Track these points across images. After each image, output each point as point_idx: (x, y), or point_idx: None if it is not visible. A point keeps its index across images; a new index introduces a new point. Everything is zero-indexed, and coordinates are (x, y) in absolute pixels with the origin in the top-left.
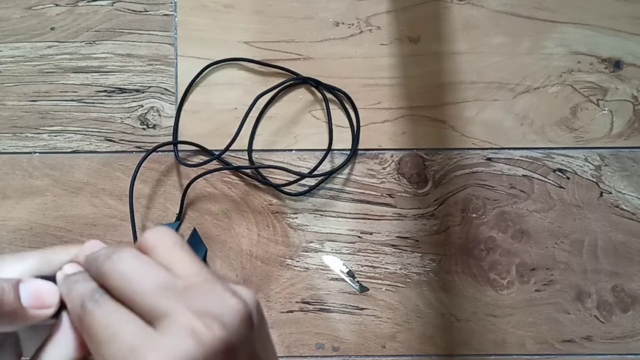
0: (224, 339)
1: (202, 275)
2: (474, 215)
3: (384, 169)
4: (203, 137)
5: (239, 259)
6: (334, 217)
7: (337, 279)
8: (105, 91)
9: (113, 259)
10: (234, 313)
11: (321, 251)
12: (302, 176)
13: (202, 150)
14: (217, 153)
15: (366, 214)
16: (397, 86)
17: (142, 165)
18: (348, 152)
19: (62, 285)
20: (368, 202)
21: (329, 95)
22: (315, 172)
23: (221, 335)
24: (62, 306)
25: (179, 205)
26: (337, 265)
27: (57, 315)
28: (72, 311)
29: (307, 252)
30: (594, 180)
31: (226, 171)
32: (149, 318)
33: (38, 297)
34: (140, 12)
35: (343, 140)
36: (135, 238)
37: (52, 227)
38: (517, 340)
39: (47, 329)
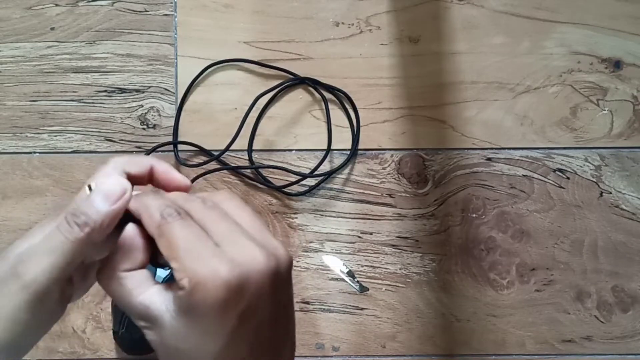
0: (270, 267)
1: (259, 227)
2: (474, 215)
3: (384, 169)
4: (203, 137)
5: None
6: (334, 217)
7: (337, 279)
8: (105, 91)
9: (205, 203)
10: (285, 254)
11: (321, 251)
12: (303, 176)
13: (202, 150)
14: (217, 153)
15: (366, 214)
16: (397, 86)
17: None
18: (348, 152)
19: (134, 200)
20: (368, 202)
21: (329, 96)
22: (315, 172)
23: (272, 265)
24: (124, 222)
25: None
26: (337, 265)
27: (117, 232)
28: (149, 220)
29: (307, 252)
30: (594, 180)
31: (226, 171)
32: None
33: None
34: (140, 12)
35: (343, 140)
36: None
37: None
38: (517, 340)
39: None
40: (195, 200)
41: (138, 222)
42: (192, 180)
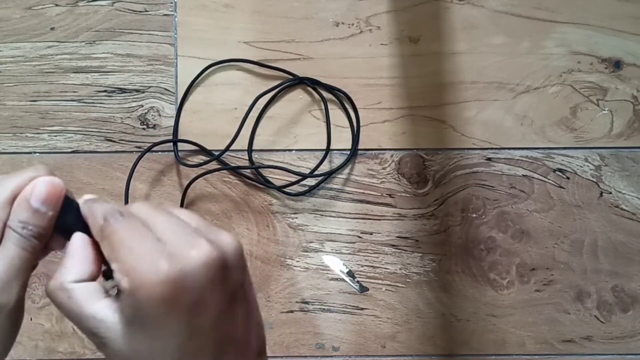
0: (214, 256)
1: (204, 222)
2: (474, 215)
3: (384, 169)
4: (203, 137)
5: None
6: (334, 217)
7: (337, 279)
8: (105, 91)
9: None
10: (230, 243)
11: (321, 251)
12: (303, 177)
13: (202, 150)
14: (217, 153)
15: (366, 214)
16: (397, 86)
17: (142, 165)
18: (348, 152)
19: (83, 206)
20: (368, 202)
21: (329, 96)
22: (315, 172)
23: (215, 254)
24: (72, 230)
25: (179, 205)
26: (337, 265)
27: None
28: (94, 224)
29: (307, 252)
30: (594, 180)
31: (226, 171)
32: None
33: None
34: (140, 12)
35: (343, 140)
36: None
37: None
38: (517, 340)
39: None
40: (141, 203)
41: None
42: (192, 180)
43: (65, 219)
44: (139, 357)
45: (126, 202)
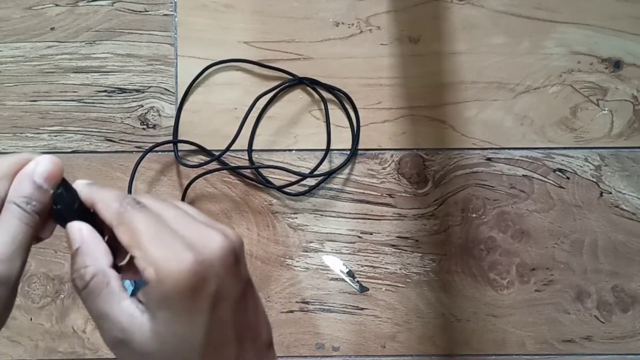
0: (229, 246)
1: (205, 216)
2: (474, 215)
3: (384, 169)
4: (203, 137)
5: None
6: (334, 217)
7: (337, 279)
8: (105, 91)
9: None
10: (235, 235)
11: (321, 251)
12: (303, 176)
13: (202, 150)
14: (217, 153)
15: (366, 214)
16: (397, 86)
17: (143, 165)
18: (348, 152)
19: (87, 190)
20: (368, 202)
21: (329, 96)
22: (315, 172)
23: (230, 244)
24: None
25: None
26: (337, 265)
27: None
28: (107, 208)
29: (307, 252)
30: (594, 180)
31: (226, 171)
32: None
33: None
34: (140, 12)
35: (343, 140)
36: None
37: None
38: (517, 340)
39: None
40: (148, 195)
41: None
42: (192, 180)
43: (62, 202)
44: (165, 351)
45: None
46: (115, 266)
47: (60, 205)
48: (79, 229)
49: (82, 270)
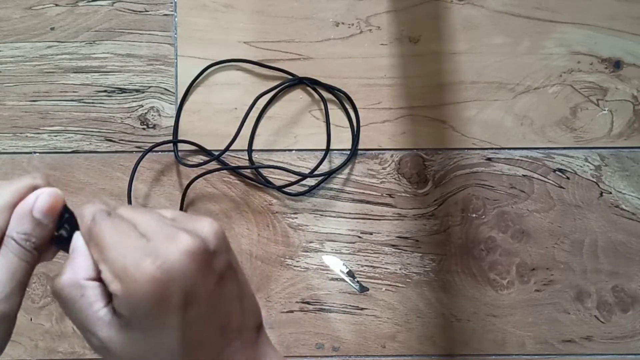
0: (194, 245)
1: (184, 214)
2: (474, 215)
3: (384, 169)
4: (203, 137)
5: (239, 259)
6: (334, 217)
7: (337, 279)
8: (105, 91)
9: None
10: (209, 228)
11: (321, 251)
12: (303, 176)
13: (202, 150)
14: (217, 153)
15: (366, 214)
16: (397, 86)
17: (142, 165)
18: (348, 152)
19: (76, 210)
20: (368, 202)
21: (329, 96)
22: (315, 172)
23: (197, 243)
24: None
25: (179, 205)
26: (337, 265)
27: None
28: (83, 226)
29: (307, 252)
30: (594, 180)
31: (226, 171)
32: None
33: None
34: (140, 12)
35: (343, 140)
36: None
37: None
38: (517, 340)
39: None
40: (127, 205)
41: None
42: (192, 181)
43: (62, 228)
44: (144, 357)
45: (129, 202)
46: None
47: (61, 232)
48: (76, 240)
49: (57, 278)
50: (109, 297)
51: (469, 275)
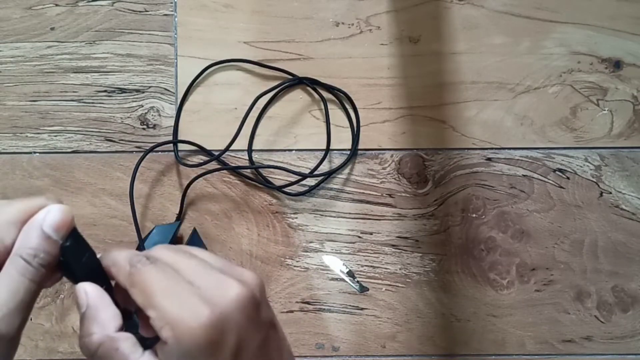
0: (246, 294)
1: (222, 260)
2: (474, 215)
3: (384, 169)
4: (203, 137)
5: (239, 259)
6: (334, 217)
7: (337, 279)
8: (105, 91)
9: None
10: (254, 279)
11: (321, 251)
12: (303, 176)
13: (202, 150)
14: (217, 153)
15: (366, 214)
16: (397, 86)
17: (142, 165)
18: (348, 152)
19: (104, 257)
20: (368, 202)
21: (329, 96)
22: (315, 172)
23: (247, 292)
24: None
25: (179, 205)
26: (337, 265)
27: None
28: (119, 271)
29: (307, 252)
30: (594, 180)
31: (226, 171)
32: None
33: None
34: (140, 12)
35: (343, 140)
36: (139, 237)
37: None
38: (517, 340)
39: None
40: (161, 246)
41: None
42: (192, 181)
43: (70, 254)
44: None
45: (131, 202)
46: (131, 319)
47: (68, 258)
48: (85, 291)
49: (88, 338)
50: (142, 344)
51: (469, 275)
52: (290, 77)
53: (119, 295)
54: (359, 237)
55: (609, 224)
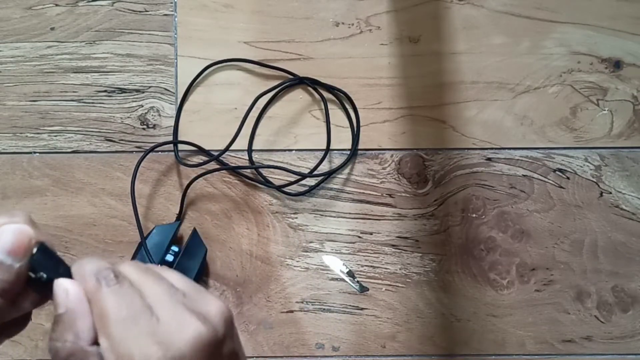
0: (204, 335)
1: (193, 287)
2: (474, 215)
3: (384, 169)
4: (203, 137)
5: (239, 259)
6: (334, 217)
7: (337, 279)
8: (105, 91)
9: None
10: (220, 314)
11: (321, 251)
12: (303, 176)
13: (202, 150)
14: (217, 153)
15: (366, 214)
16: (397, 86)
17: (143, 165)
18: (348, 152)
19: (72, 266)
20: (368, 202)
21: (329, 96)
22: (315, 172)
23: (207, 331)
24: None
25: (179, 205)
26: (337, 265)
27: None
28: (85, 286)
29: (307, 252)
30: (594, 180)
31: (226, 171)
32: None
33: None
34: (140, 12)
35: (343, 140)
36: (141, 237)
37: (52, 227)
38: (517, 340)
39: None
40: (129, 264)
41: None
42: (192, 181)
43: (41, 269)
44: None
45: (133, 202)
46: None
47: (40, 275)
48: (66, 291)
49: (60, 344)
50: None
51: (469, 275)
52: (290, 77)
53: None
54: (359, 237)
55: (609, 224)
